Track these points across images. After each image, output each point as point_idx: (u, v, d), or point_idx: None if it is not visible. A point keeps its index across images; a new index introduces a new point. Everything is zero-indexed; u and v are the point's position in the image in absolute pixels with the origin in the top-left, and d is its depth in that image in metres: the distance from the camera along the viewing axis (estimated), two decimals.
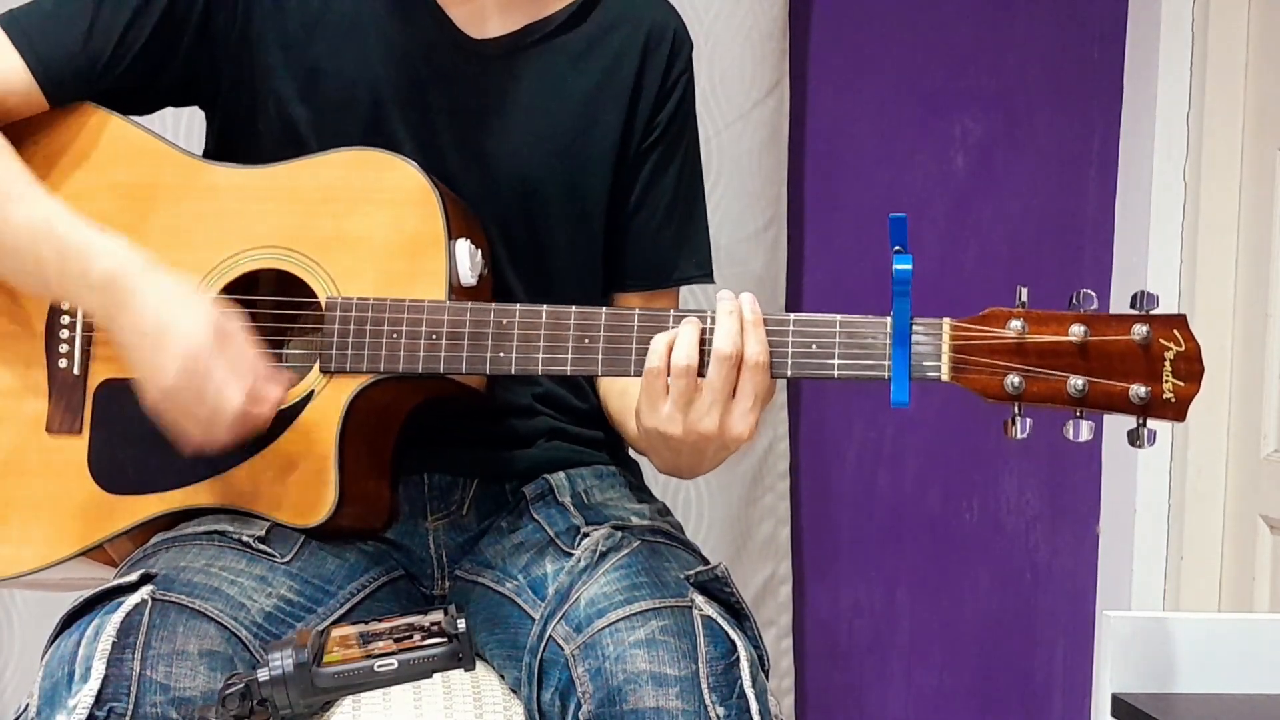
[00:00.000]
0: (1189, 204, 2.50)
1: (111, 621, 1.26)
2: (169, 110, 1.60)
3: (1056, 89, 2.59)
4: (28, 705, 1.28)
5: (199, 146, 1.59)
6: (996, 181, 2.58)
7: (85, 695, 1.23)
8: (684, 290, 1.70)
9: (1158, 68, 2.51)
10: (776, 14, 2.40)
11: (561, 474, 1.56)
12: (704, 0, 2.35)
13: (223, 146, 1.55)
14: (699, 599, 1.35)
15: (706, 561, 1.44)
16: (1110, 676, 1.63)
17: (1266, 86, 2.43)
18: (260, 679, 1.14)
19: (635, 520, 1.49)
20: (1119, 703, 1.61)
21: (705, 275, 1.67)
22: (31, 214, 1.39)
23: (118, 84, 1.50)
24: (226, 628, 1.30)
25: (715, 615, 1.34)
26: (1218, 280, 2.47)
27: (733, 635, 1.33)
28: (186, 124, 1.83)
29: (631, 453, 1.66)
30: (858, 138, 2.56)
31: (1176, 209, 2.50)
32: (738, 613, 1.37)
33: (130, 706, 1.23)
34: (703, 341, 1.34)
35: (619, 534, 1.44)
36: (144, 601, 1.28)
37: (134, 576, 1.31)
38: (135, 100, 1.52)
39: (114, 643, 1.25)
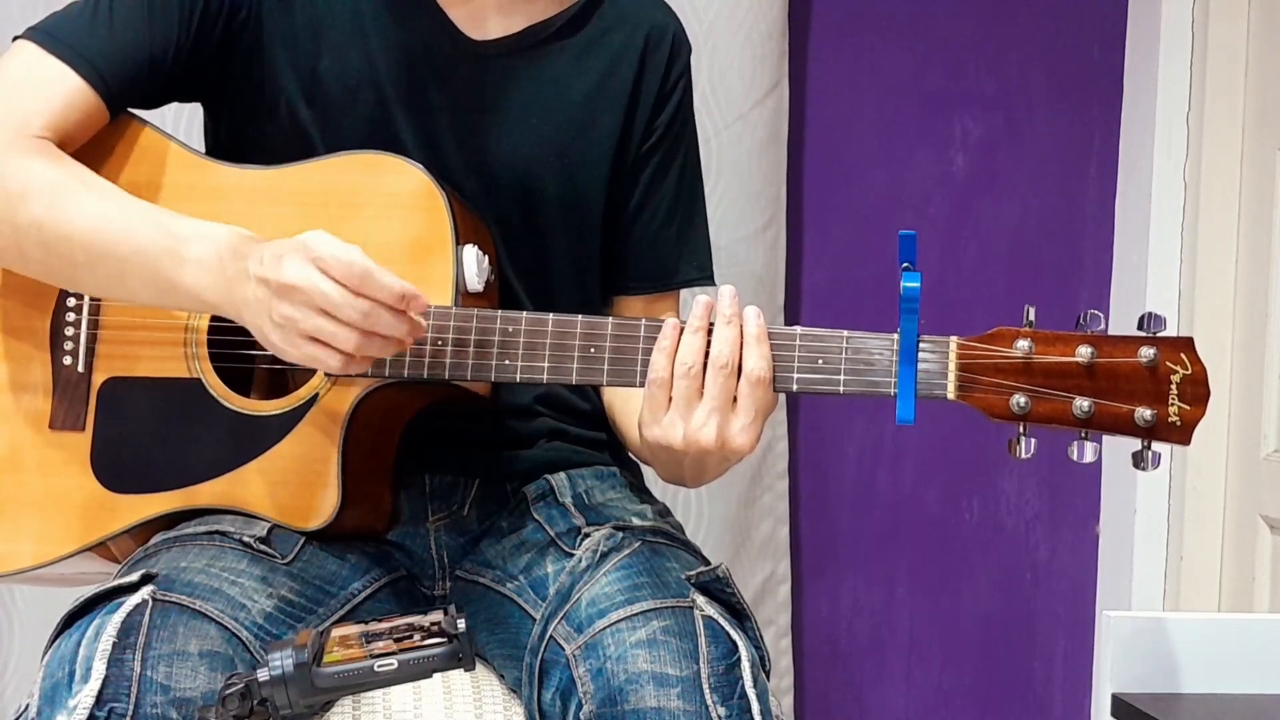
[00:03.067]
0: (1189, 204, 2.50)
1: (112, 622, 1.26)
2: (168, 106, 1.59)
3: (1056, 89, 2.59)
4: (28, 705, 1.28)
5: (197, 143, 1.59)
6: (996, 181, 2.59)
7: (85, 695, 1.23)
8: (683, 292, 1.70)
9: (1158, 68, 2.51)
10: (776, 14, 2.40)
11: (562, 474, 1.56)
12: (704, 0, 2.35)
13: (230, 144, 1.55)
14: (700, 599, 1.36)
15: (708, 562, 1.44)
16: (1110, 676, 1.63)
17: (1266, 86, 2.44)
18: (260, 679, 1.14)
19: (636, 521, 1.49)
20: (1119, 703, 1.61)
21: (706, 278, 1.67)
22: (117, 206, 1.38)
23: (160, 85, 1.49)
24: (227, 628, 1.30)
25: (716, 616, 1.34)
26: (1218, 280, 2.47)
27: (734, 636, 1.33)
28: (187, 121, 1.83)
29: (633, 456, 1.66)
30: (857, 138, 2.56)
31: (1176, 209, 2.50)
32: (739, 613, 1.38)
33: (130, 707, 1.23)
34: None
35: (620, 534, 1.44)
36: (145, 602, 1.28)
37: (135, 577, 1.31)
38: (148, 97, 1.51)
39: (114, 643, 1.25)
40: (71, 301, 1.47)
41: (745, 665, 1.32)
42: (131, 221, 1.37)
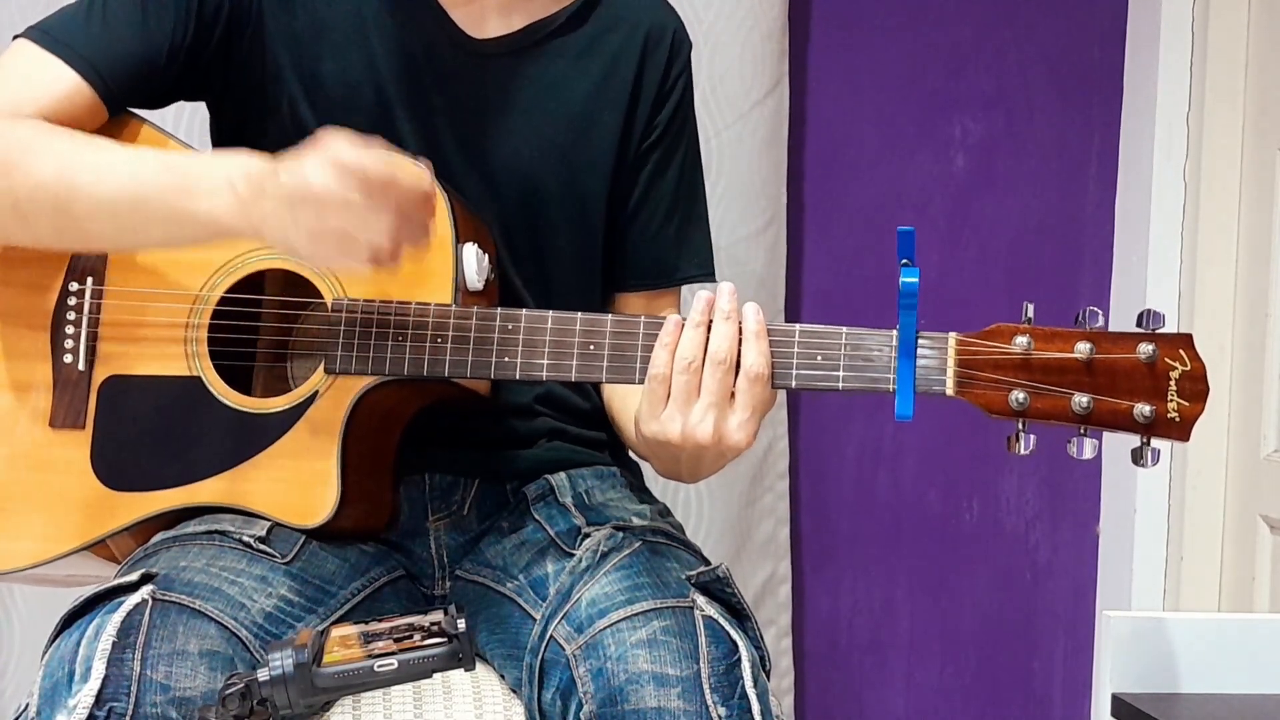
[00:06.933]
0: (1189, 204, 2.50)
1: (112, 621, 1.26)
2: (170, 107, 1.60)
3: (1056, 89, 2.59)
4: (28, 705, 1.28)
5: (198, 143, 1.59)
6: (996, 181, 2.59)
7: (85, 695, 1.23)
8: (684, 290, 1.70)
9: (1158, 68, 2.51)
10: (776, 14, 2.40)
11: (562, 474, 1.56)
12: (704, 0, 2.35)
13: (232, 144, 1.55)
14: (700, 599, 1.35)
15: (708, 562, 1.44)
16: (1110, 676, 1.63)
17: (1266, 86, 2.44)
18: (260, 679, 1.14)
19: (636, 521, 1.49)
20: (1119, 703, 1.61)
21: (707, 275, 1.67)
22: (120, 155, 1.39)
23: (159, 85, 1.50)
24: (227, 628, 1.30)
25: (717, 616, 1.34)
26: (1218, 280, 2.47)
27: (734, 636, 1.33)
28: (187, 121, 1.83)
29: (632, 454, 1.66)
30: (857, 138, 2.56)
31: (1176, 209, 2.50)
32: (739, 613, 1.38)
33: (130, 706, 1.23)
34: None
35: (620, 534, 1.44)
36: (144, 601, 1.28)
37: (134, 576, 1.31)
38: (151, 97, 1.52)
39: (114, 642, 1.25)
40: (72, 300, 1.47)
41: (745, 665, 1.32)
42: (136, 166, 1.37)
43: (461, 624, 1.16)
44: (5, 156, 1.39)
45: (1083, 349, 1.30)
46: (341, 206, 1.25)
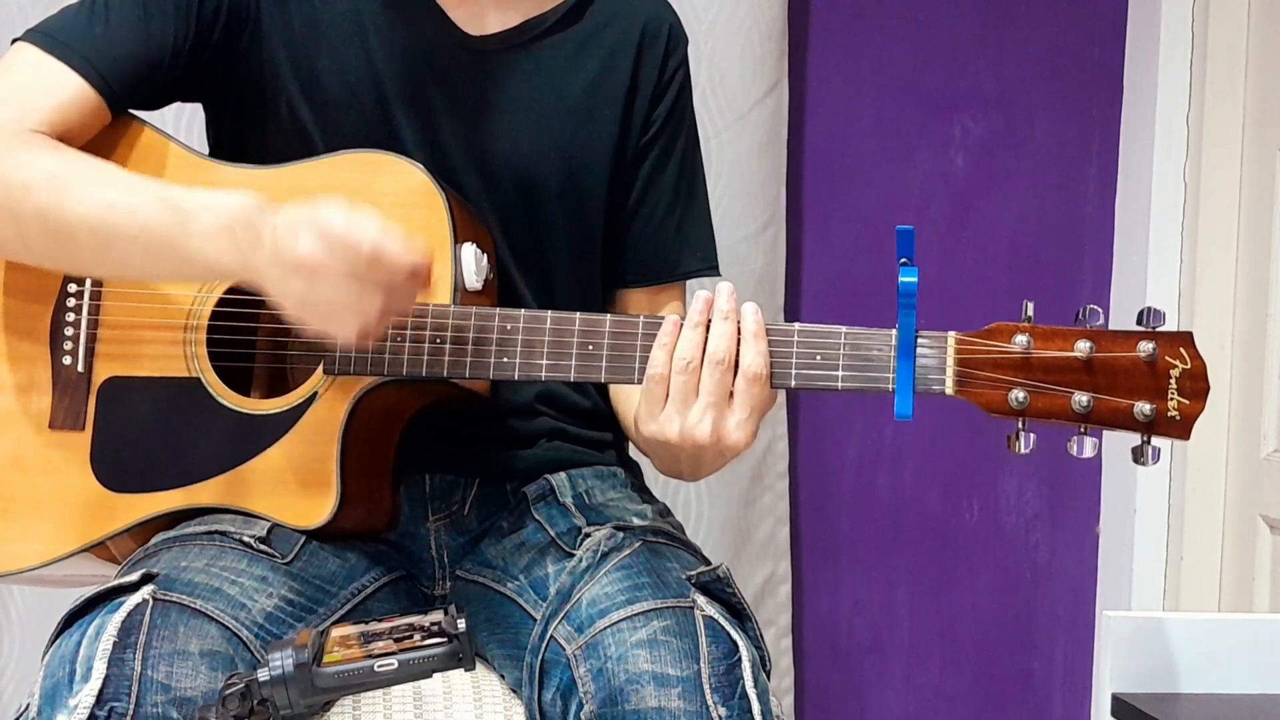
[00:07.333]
0: (1189, 204, 2.50)
1: (113, 621, 1.26)
2: (169, 107, 1.59)
3: (1056, 89, 2.59)
4: (28, 705, 1.28)
5: (198, 143, 1.59)
6: (996, 181, 2.59)
7: (86, 695, 1.23)
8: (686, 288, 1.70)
9: (1158, 68, 2.51)
10: (776, 14, 2.40)
11: (563, 474, 1.56)
12: (704, 1, 2.35)
13: (231, 144, 1.55)
14: (700, 599, 1.36)
15: (708, 562, 1.44)
16: (1110, 676, 1.63)
17: (1266, 86, 2.43)
18: (260, 679, 1.14)
19: (636, 521, 1.49)
20: (1119, 703, 1.61)
21: (710, 268, 1.67)
22: (121, 187, 1.37)
23: (161, 86, 1.49)
24: (227, 628, 1.30)
25: (717, 616, 1.34)
26: (1218, 280, 2.47)
27: (734, 636, 1.33)
28: (187, 121, 1.83)
29: (632, 453, 1.66)
30: (857, 138, 2.56)
31: (1176, 209, 2.50)
32: (739, 613, 1.38)
33: (131, 706, 1.23)
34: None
35: (620, 534, 1.44)
36: (145, 601, 1.28)
37: (135, 576, 1.31)
38: (151, 98, 1.51)
39: (115, 642, 1.25)
40: (71, 301, 1.47)
41: (746, 665, 1.32)
42: (136, 201, 1.36)
43: (461, 624, 1.16)
44: (10, 181, 1.38)
45: (1082, 347, 1.29)
46: (330, 279, 1.25)
